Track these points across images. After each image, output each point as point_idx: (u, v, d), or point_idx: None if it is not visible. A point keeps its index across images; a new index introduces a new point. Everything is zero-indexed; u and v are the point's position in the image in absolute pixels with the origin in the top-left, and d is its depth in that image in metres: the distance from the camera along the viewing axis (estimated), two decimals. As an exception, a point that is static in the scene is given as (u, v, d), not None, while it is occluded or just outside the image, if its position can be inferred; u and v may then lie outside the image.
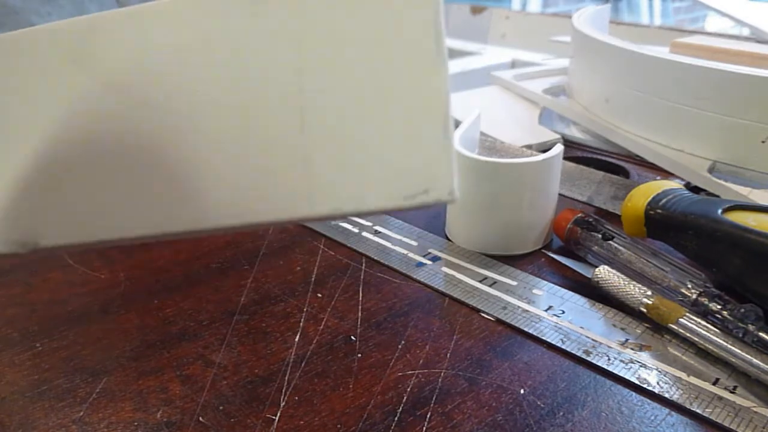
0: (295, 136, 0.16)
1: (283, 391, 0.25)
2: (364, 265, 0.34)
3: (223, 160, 0.17)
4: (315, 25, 0.16)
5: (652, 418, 0.23)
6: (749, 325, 0.25)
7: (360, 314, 0.30)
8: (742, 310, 0.26)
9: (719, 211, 0.29)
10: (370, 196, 0.16)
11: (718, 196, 0.36)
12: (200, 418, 0.24)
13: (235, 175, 0.17)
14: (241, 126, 0.17)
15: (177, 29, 0.17)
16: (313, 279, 0.33)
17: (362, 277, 0.33)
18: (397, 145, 0.16)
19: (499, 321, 0.29)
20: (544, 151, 0.34)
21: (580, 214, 0.34)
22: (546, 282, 0.32)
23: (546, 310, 0.30)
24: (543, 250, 0.35)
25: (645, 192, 0.32)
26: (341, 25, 0.16)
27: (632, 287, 0.29)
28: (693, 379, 0.25)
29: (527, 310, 0.30)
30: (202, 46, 0.17)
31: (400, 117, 0.16)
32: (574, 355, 0.27)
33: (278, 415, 0.24)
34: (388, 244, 0.36)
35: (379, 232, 0.37)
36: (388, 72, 0.16)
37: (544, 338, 0.28)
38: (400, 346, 0.27)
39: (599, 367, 0.26)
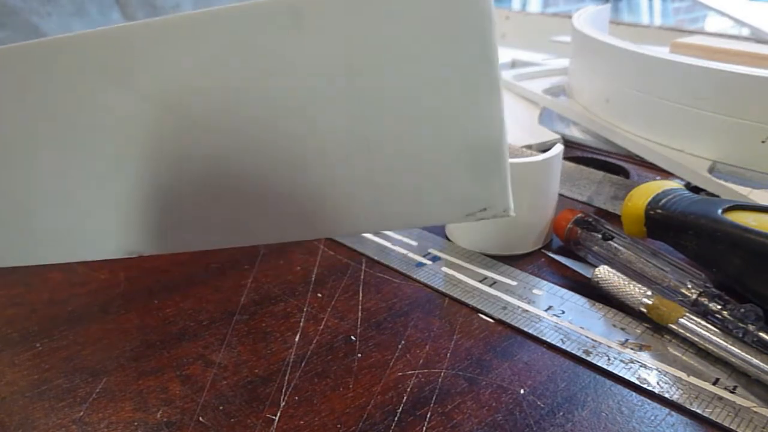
0: (364, 157, 0.18)
1: (283, 391, 0.25)
2: (364, 265, 0.34)
3: (295, 178, 0.19)
4: (365, 51, 0.17)
5: (652, 418, 0.23)
6: (749, 325, 0.25)
7: (360, 314, 0.30)
8: (742, 310, 0.26)
9: (719, 211, 0.29)
10: (435, 213, 0.19)
11: (718, 196, 0.36)
12: (200, 418, 0.24)
13: (310, 192, 0.19)
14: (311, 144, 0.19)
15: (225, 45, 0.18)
16: (313, 279, 0.33)
17: (362, 277, 0.33)
18: (458, 169, 0.18)
19: (499, 321, 0.29)
20: (544, 151, 0.34)
21: (580, 214, 0.34)
22: (546, 282, 0.32)
23: (546, 310, 0.30)
24: (543, 250, 0.35)
25: (645, 192, 0.32)
26: (391, 50, 0.17)
27: (632, 287, 0.29)
28: (693, 379, 0.25)
29: (527, 310, 0.30)
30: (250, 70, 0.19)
31: (460, 144, 0.17)
32: (574, 355, 0.27)
33: (278, 415, 0.24)
34: (388, 244, 0.36)
35: (379, 232, 0.37)
36: (444, 101, 0.17)
37: (544, 338, 0.28)
38: (400, 346, 0.27)
39: (599, 367, 0.26)
